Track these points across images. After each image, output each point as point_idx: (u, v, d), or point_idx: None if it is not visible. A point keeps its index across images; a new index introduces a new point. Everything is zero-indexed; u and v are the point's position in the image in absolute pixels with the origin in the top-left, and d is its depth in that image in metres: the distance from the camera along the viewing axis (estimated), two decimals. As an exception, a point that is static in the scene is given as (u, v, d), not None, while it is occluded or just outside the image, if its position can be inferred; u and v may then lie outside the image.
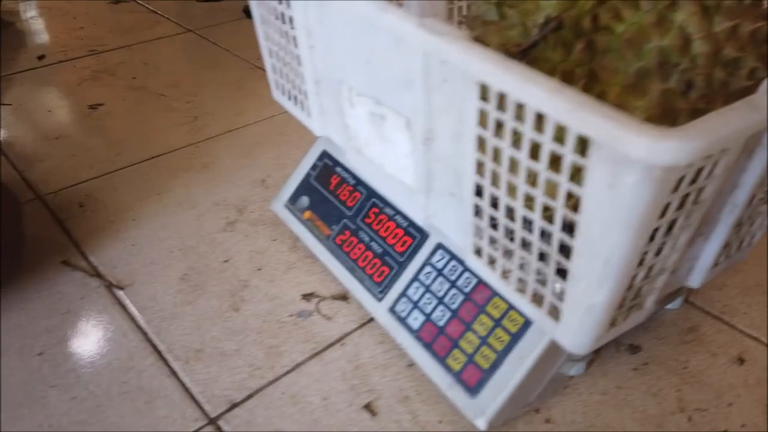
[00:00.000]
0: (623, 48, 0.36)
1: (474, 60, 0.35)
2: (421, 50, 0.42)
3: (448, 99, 0.43)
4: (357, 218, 0.66)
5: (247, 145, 0.94)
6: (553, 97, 0.31)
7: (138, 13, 1.45)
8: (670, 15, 0.35)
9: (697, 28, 0.35)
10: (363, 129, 0.57)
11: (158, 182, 0.86)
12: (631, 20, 0.36)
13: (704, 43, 0.35)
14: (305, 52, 0.59)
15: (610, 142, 0.30)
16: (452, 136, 0.45)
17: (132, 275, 0.70)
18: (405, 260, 0.61)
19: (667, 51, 0.36)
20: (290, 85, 0.67)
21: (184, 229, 0.77)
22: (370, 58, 0.49)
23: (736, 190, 0.42)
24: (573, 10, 0.38)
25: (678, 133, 0.28)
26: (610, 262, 0.36)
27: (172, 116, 1.02)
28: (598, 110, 0.30)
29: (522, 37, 0.41)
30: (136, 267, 0.71)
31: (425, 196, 0.53)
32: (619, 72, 0.37)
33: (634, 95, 0.37)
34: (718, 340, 0.63)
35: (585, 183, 0.34)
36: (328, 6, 0.52)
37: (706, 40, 0.35)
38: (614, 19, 0.37)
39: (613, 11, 0.37)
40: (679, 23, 0.35)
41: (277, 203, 0.75)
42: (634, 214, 0.33)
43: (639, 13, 0.36)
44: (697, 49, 0.35)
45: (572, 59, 0.38)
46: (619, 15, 0.36)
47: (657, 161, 0.29)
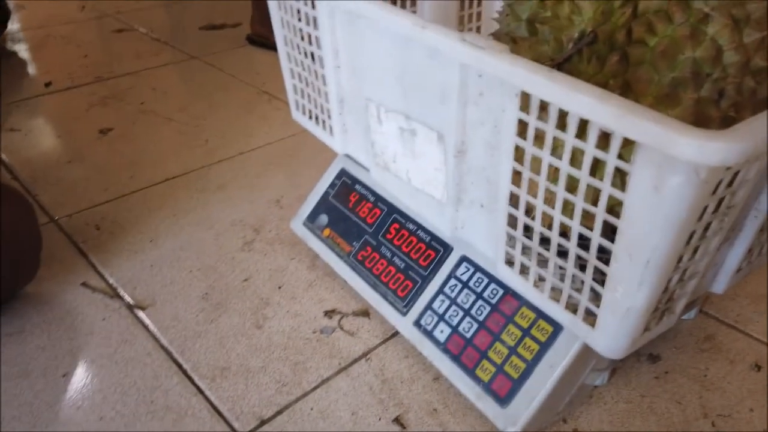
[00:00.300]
0: (657, 60, 0.38)
1: (519, 71, 0.37)
2: (457, 64, 0.44)
3: (484, 111, 0.45)
4: (378, 234, 0.67)
5: (259, 167, 0.95)
6: (600, 103, 0.33)
7: (141, 41, 1.47)
8: (703, 27, 0.37)
9: (728, 40, 0.37)
10: (390, 145, 0.58)
11: (174, 204, 0.86)
12: (665, 33, 0.38)
13: (735, 53, 0.37)
14: (331, 72, 0.60)
15: (659, 144, 0.31)
16: (486, 147, 0.47)
17: (153, 295, 0.70)
18: (429, 274, 0.62)
19: (700, 62, 0.38)
20: (312, 104, 0.69)
21: (203, 249, 0.78)
22: (402, 75, 0.51)
23: (761, 196, 0.44)
24: (607, 25, 0.40)
25: (727, 135, 0.29)
26: (651, 264, 0.37)
27: (184, 139, 1.03)
28: (646, 115, 0.31)
29: (555, 52, 0.42)
30: (157, 287, 0.72)
31: (455, 208, 0.54)
32: (653, 83, 0.39)
33: (667, 105, 0.39)
34: (735, 348, 0.64)
35: (629, 187, 0.35)
36: (360, 25, 0.53)
37: (736, 51, 0.37)
38: (648, 32, 0.39)
39: (646, 25, 0.39)
40: (712, 35, 0.37)
41: (296, 222, 0.75)
42: (677, 216, 0.34)
43: (672, 26, 0.38)
44: (729, 60, 0.37)
45: (606, 71, 0.40)
46: (652, 28, 0.38)
47: (706, 162, 0.30)
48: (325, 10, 0.56)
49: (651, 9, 0.39)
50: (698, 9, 0.38)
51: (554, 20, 0.42)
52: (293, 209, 0.82)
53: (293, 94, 0.71)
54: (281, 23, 0.65)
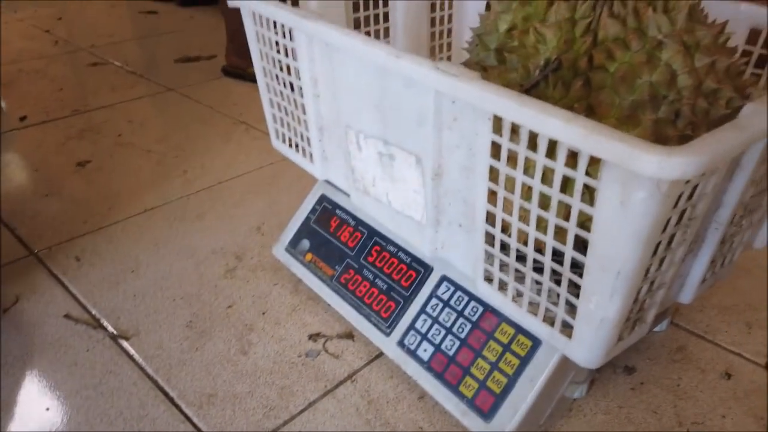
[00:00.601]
0: (617, 84, 0.41)
1: (491, 96, 0.39)
2: (432, 92, 0.46)
3: (459, 135, 0.47)
4: (360, 257, 0.69)
5: (239, 195, 0.96)
6: (568, 124, 0.35)
7: (116, 74, 1.48)
8: (658, 54, 0.40)
9: (681, 65, 0.40)
10: (370, 170, 0.60)
11: (154, 234, 0.87)
12: (623, 59, 0.41)
13: (688, 77, 0.40)
14: (310, 100, 0.63)
15: (623, 161, 0.34)
16: (462, 169, 0.49)
17: (136, 325, 0.70)
18: (410, 294, 0.63)
19: (657, 85, 0.40)
20: (292, 133, 0.70)
21: (185, 278, 0.78)
22: (379, 102, 0.53)
23: (720, 209, 0.47)
24: (570, 53, 0.43)
25: (684, 151, 0.32)
26: (621, 275, 0.40)
27: (162, 170, 1.04)
28: (610, 134, 0.34)
29: (523, 78, 0.45)
30: (140, 317, 0.72)
31: (434, 229, 0.56)
32: (615, 105, 0.42)
33: (628, 126, 0.42)
34: (705, 357, 0.67)
35: (597, 202, 0.38)
36: (337, 56, 0.56)
37: (689, 75, 0.40)
38: (608, 58, 0.42)
39: (606, 52, 0.42)
40: (666, 60, 0.40)
41: (278, 248, 0.77)
42: (643, 228, 0.37)
43: (629, 53, 0.41)
44: (682, 83, 0.40)
45: (571, 96, 0.43)
46: (611, 55, 0.41)
47: (667, 176, 0.33)
48: (303, 41, 0.58)
49: (610, 37, 0.42)
50: (653, 37, 0.41)
51: (521, 49, 0.45)
52: (274, 236, 0.83)
53: (273, 123, 0.73)
54: (260, 55, 0.67)
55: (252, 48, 0.67)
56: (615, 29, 0.41)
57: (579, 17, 0.43)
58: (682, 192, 0.38)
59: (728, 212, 0.47)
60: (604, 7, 0.43)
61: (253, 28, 0.65)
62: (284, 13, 0.57)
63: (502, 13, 0.48)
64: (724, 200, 0.46)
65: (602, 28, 0.42)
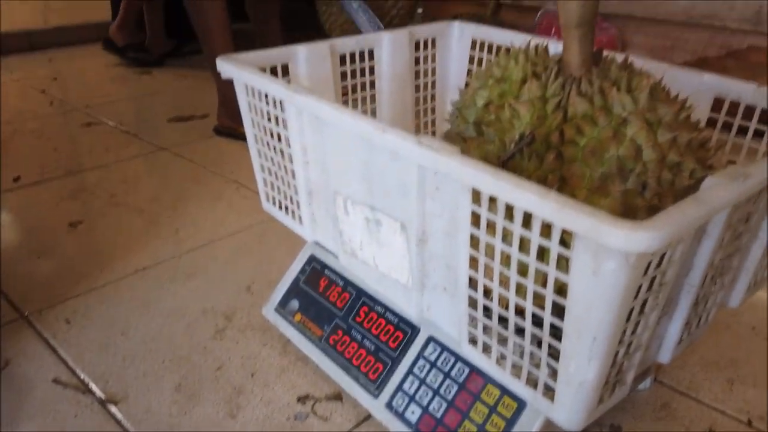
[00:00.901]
0: (587, 157, 0.44)
1: (469, 170, 0.42)
2: (416, 163, 0.49)
3: (441, 204, 0.50)
4: (348, 318, 0.70)
5: (230, 254, 0.98)
6: (542, 199, 0.38)
7: (110, 134, 1.51)
8: (623, 129, 0.43)
9: (645, 140, 0.43)
10: (357, 234, 0.62)
11: (145, 294, 0.88)
12: (591, 135, 0.44)
13: (652, 151, 0.43)
14: (300, 167, 0.65)
15: (592, 235, 0.36)
16: (445, 236, 0.51)
17: (125, 389, 0.71)
18: (398, 355, 0.64)
19: (623, 159, 0.43)
20: (282, 196, 0.73)
21: (175, 339, 0.79)
22: (366, 171, 0.56)
23: (691, 273, 0.49)
24: (543, 127, 0.46)
25: (647, 226, 0.34)
26: (598, 340, 0.41)
27: (154, 230, 1.05)
28: (580, 209, 0.36)
29: (500, 151, 0.48)
30: (129, 380, 0.72)
31: (420, 292, 0.58)
32: (586, 177, 0.44)
33: (599, 196, 0.44)
34: (689, 415, 0.68)
35: (571, 271, 0.40)
36: (326, 128, 0.59)
37: (653, 149, 0.43)
38: (578, 133, 0.44)
39: (576, 127, 0.45)
40: (631, 136, 0.43)
41: (268, 308, 0.78)
42: (615, 296, 0.39)
43: (597, 128, 0.44)
44: (647, 156, 0.43)
45: (545, 168, 0.46)
46: (581, 130, 0.44)
47: (633, 249, 0.35)
48: (293, 112, 0.61)
49: (579, 114, 0.45)
50: (618, 114, 0.44)
51: (497, 123, 0.48)
52: (264, 295, 0.84)
53: (263, 187, 0.75)
54: (252, 123, 0.70)
55: (244, 116, 0.70)
56: (583, 107, 0.45)
57: (550, 95, 0.46)
58: (651, 261, 0.40)
59: (699, 276, 0.49)
60: (572, 86, 0.46)
61: (246, 99, 0.68)
62: (275, 86, 0.61)
63: (479, 89, 0.51)
64: (694, 264, 0.48)
65: (571, 105, 0.45)
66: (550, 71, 0.47)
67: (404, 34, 0.82)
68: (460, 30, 0.86)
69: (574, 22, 0.44)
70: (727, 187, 0.40)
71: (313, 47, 0.74)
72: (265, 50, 0.71)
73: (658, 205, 0.44)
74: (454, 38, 0.87)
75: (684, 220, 0.36)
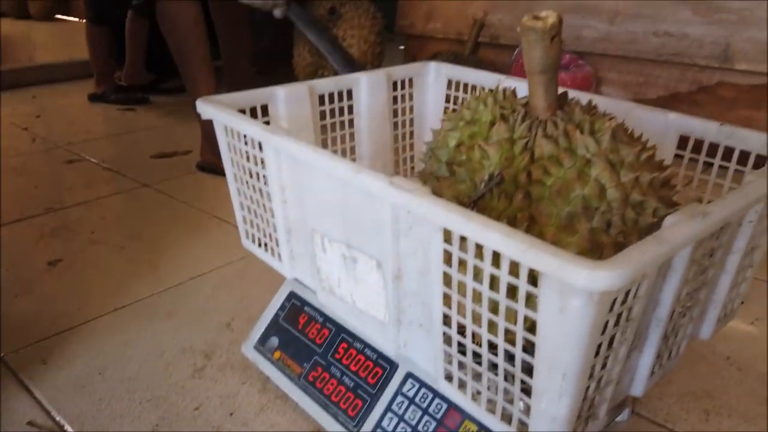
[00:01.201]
0: (554, 196, 0.46)
1: (439, 210, 0.43)
2: (390, 203, 0.50)
3: (415, 242, 0.51)
4: (327, 354, 0.70)
5: (210, 291, 0.98)
6: (508, 239, 0.39)
7: (92, 171, 1.51)
8: (587, 170, 0.45)
9: (608, 180, 0.44)
10: (335, 271, 0.63)
11: (123, 333, 0.87)
12: (557, 175, 0.46)
13: (615, 190, 0.44)
14: (278, 205, 0.66)
15: (557, 274, 0.37)
16: (419, 273, 0.52)
17: (101, 431, 0.70)
18: (377, 392, 0.65)
19: (588, 198, 0.45)
20: (261, 233, 0.73)
21: (153, 379, 0.78)
22: (342, 210, 0.57)
23: (658, 308, 0.51)
24: (511, 168, 0.47)
25: (611, 265, 0.36)
26: (568, 376, 0.42)
27: (134, 267, 1.05)
28: (545, 249, 0.38)
29: (471, 190, 0.49)
30: (105, 422, 0.71)
31: (396, 328, 0.58)
32: (553, 215, 0.46)
33: (566, 233, 0.46)
34: (668, 447, 0.68)
35: (539, 309, 0.41)
36: (303, 167, 0.60)
37: (616, 188, 0.44)
38: (544, 174, 0.46)
39: (542, 168, 0.46)
40: (595, 176, 0.45)
41: (247, 345, 0.77)
42: (582, 332, 0.40)
43: (563, 169, 0.46)
44: (611, 196, 0.45)
45: (514, 207, 0.47)
46: (547, 171, 0.46)
47: (596, 288, 0.36)
48: (271, 153, 0.63)
49: (545, 155, 0.47)
50: (582, 155, 0.46)
51: (468, 163, 0.50)
52: (245, 332, 0.84)
53: (243, 224, 0.76)
54: (231, 162, 0.71)
55: (224, 156, 0.71)
56: (549, 148, 0.46)
57: (517, 137, 0.48)
58: (616, 298, 0.41)
59: (666, 310, 0.50)
60: (538, 129, 0.48)
61: (225, 139, 0.69)
62: (254, 128, 0.62)
63: (450, 131, 0.53)
64: (661, 299, 0.50)
65: (538, 147, 0.47)
66: (518, 114, 0.49)
67: (381, 75, 0.84)
68: (437, 70, 0.89)
69: (538, 69, 0.47)
70: (687, 226, 0.42)
71: (291, 88, 0.76)
72: (244, 92, 0.72)
73: (623, 242, 0.46)
74: (431, 78, 0.90)
75: (644, 259, 0.38)
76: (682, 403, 0.74)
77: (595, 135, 0.46)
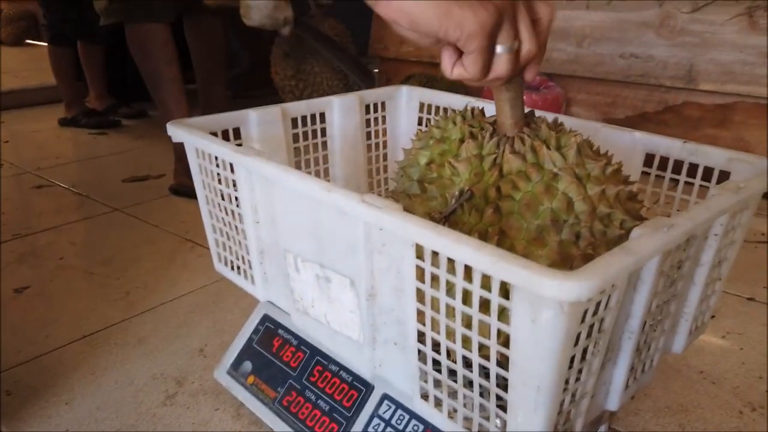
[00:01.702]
0: (523, 210, 0.46)
1: (411, 226, 0.43)
2: (362, 221, 0.50)
3: (388, 259, 0.50)
4: (302, 378, 0.69)
5: (182, 316, 0.96)
6: (477, 252, 0.39)
7: (62, 196, 1.49)
8: (555, 184, 0.45)
9: (576, 193, 0.45)
10: (308, 291, 0.62)
11: (92, 361, 0.85)
12: (526, 189, 0.46)
13: (583, 203, 0.45)
14: (250, 227, 0.66)
15: (528, 285, 0.37)
16: (393, 290, 0.52)
17: (67, 462, 0.67)
18: (352, 415, 0.64)
19: (557, 211, 0.45)
20: (233, 256, 0.73)
21: (122, 408, 0.76)
22: (315, 229, 0.57)
23: (630, 319, 0.51)
24: (481, 183, 0.48)
25: (580, 275, 0.36)
26: (542, 389, 0.42)
27: (104, 293, 1.03)
28: (514, 261, 0.38)
29: (442, 206, 0.50)
30: (71, 452, 0.69)
31: (371, 347, 0.58)
32: (523, 229, 0.46)
33: (537, 246, 0.46)
34: (645, 462, 0.68)
35: (512, 321, 0.41)
36: (275, 187, 0.60)
37: (584, 201, 0.45)
38: (513, 188, 0.47)
39: (511, 183, 0.47)
40: (563, 190, 0.45)
41: (220, 371, 0.76)
42: (555, 343, 0.40)
43: (531, 183, 0.46)
44: (579, 208, 0.45)
45: (485, 221, 0.47)
46: (516, 185, 0.47)
47: (566, 298, 0.36)
48: (243, 173, 0.62)
49: (514, 170, 0.47)
50: (549, 170, 0.46)
51: (439, 180, 0.50)
52: (217, 357, 0.82)
53: (215, 248, 0.75)
54: (202, 185, 0.70)
55: (195, 178, 0.71)
56: (517, 164, 0.47)
57: (486, 153, 0.49)
58: (587, 309, 0.41)
59: (637, 322, 0.50)
60: (506, 145, 0.48)
61: (197, 161, 0.69)
62: (225, 149, 0.62)
63: (421, 150, 0.53)
64: (632, 311, 0.50)
65: (506, 162, 0.48)
66: (486, 132, 0.50)
67: (354, 98, 0.85)
68: (408, 93, 0.90)
69: (504, 88, 0.47)
70: (654, 237, 0.42)
71: (264, 111, 0.76)
72: (217, 115, 0.72)
73: (592, 254, 0.46)
74: (403, 101, 0.90)
75: (612, 270, 0.38)
76: (658, 418, 0.74)
77: (561, 150, 0.47)
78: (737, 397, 0.77)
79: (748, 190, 0.53)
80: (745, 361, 0.84)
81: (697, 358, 0.85)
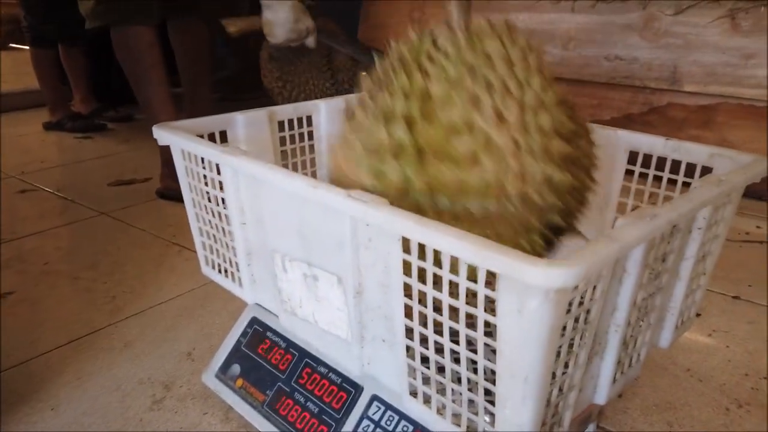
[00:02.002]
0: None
1: (396, 219, 0.43)
2: (348, 216, 0.50)
3: (375, 254, 0.50)
4: (291, 380, 0.68)
5: (170, 319, 0.95)
6: (460, 240, 0.39)
7: (47, 200, 1.47)
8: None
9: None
10: (296, 291, 0.62)
11: (78, 366, 0.84)
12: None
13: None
14: (237, 228, 0.65)
15: (513, 273, 0.37)
16: (380, 286, 0.52)
17: (52, 467, 0.66)
18: (342, 417, 0.63)
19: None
20: (221, 259, 0.72)
21: (109, 413, 0.75)
22: (302, 228, 0.56)
23: (616, 312, 0.51)
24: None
25: (564, 262, 0.36)
26: (529, 380, 0.42)
27: (90, 297, 1.02)
28: (499, 249, 0.38)
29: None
30: (57, 458, 0.68)
31: (360, 345, 0.58)
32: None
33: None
34: (634, 459, 0.68)
35: (498, 312, 0.41)
36: (262, 187, 0.59)
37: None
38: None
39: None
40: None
41: (208, 374, 0.75)
42: (542, 333, 0.40)
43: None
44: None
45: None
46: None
47: (552, 285, 0.36)
48: (229, 174, 0.62)
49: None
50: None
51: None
52: (205, 361, 0.82)
53: (202, 251, 0.75)
54: (189, 187, 0.70)
55: (182, 181, 0.70)
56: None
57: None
58: (572, 299, 0.41)
59: (624, 314, 0.51)
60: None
61: (183, 164, 0.68)
62: (211, 149, 0.61)
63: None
64: (618, 303, 0.50)
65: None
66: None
67: (340, 102, 0.85)
68: (395, 92, 0.90)
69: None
70: (637, 226, 0.43)
71: (251, 114, 0.76)
72: (203, 118, 0.72)
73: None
74: (390, 100, 0.91)
75: (597, 257, 0.38)
76: (645, 416, 0.75)
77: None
78: (724, 394, 0.78)
79: (729, 182, 0.53)
80: (731, 359, 0.84)
81: (684, 356, 0.85)
